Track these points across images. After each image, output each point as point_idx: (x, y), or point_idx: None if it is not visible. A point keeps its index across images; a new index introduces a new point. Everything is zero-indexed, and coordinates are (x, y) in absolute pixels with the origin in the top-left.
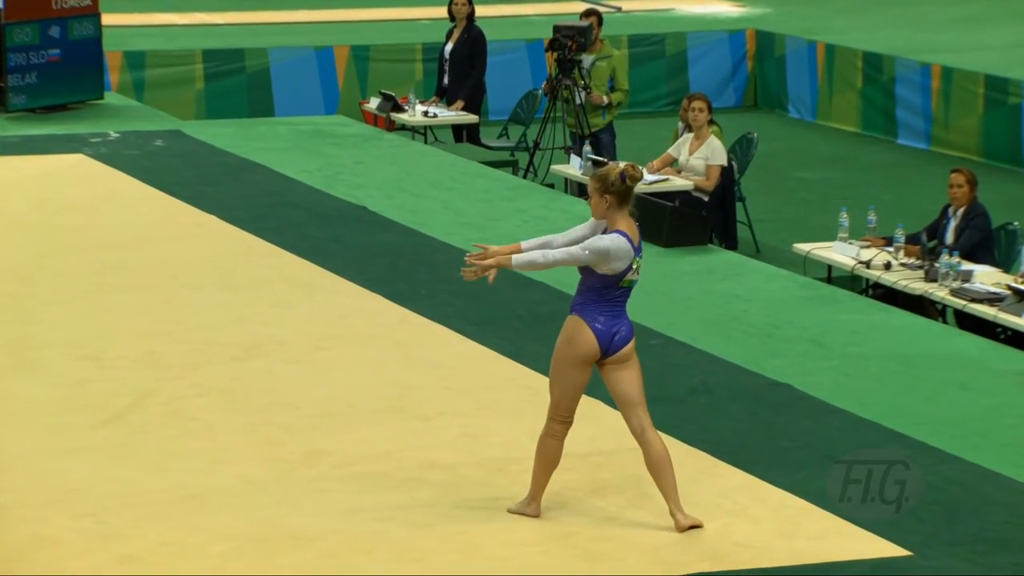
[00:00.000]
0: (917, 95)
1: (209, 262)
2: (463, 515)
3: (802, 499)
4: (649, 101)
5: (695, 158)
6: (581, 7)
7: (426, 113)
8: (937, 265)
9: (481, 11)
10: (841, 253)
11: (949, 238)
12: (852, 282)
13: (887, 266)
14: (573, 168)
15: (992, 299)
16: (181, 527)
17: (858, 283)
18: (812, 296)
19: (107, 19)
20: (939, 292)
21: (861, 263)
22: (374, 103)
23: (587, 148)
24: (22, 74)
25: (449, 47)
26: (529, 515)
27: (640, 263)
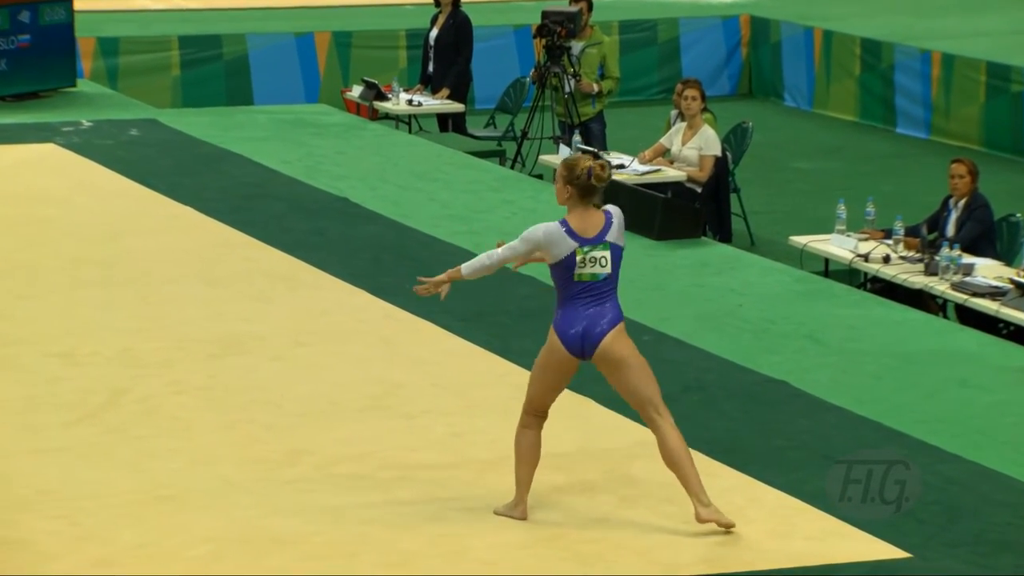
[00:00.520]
0: (917, 83)
1: (187, 255)
2: (449, 517)
3: (798, 499)
4: (640, 89)
5: (688, 148)
6: None
7: (410, 102)
8: (937, 258)
9: None
10: (839, 246)
11: (950, 230)
12: (850, 276)
13: (886, 259)
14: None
15: (994, 293)
16: (158, 529)
17: (856, 277)
18: (809, 290)
19: (79, 4)
20: (939, 286)
21: (859, 256)
22: (357, 91)
23: (577, 138)
24: None
25: (434, 33)
26: (516, 518)
27: (595, 256)
